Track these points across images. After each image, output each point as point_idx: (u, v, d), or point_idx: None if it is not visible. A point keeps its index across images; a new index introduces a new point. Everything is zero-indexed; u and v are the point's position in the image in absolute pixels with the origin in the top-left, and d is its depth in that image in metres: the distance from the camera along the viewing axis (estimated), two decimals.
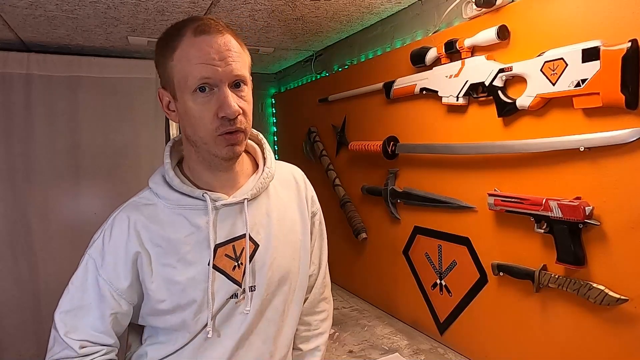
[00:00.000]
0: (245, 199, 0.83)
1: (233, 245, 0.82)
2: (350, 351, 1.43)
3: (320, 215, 1.00)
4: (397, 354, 1.39)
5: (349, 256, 1.97)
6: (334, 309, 1.55)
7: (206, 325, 0.80)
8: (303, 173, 1.00)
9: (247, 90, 0.78)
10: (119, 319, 0.81)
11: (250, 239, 0.83)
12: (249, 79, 0.78)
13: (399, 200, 1.58)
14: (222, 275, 0.81)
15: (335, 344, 1.48)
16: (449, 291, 1.41)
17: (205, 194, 0.80)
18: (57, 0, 1.39)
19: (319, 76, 2.26)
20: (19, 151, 2.02)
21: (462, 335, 1.37)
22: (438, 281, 1.45)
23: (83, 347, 0.77)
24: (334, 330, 1.55)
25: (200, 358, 0.82)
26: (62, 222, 2.10)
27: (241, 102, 0.76)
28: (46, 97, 2.05)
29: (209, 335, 0.80)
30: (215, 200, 0.81)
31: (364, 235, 1.81)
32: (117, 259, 0.79)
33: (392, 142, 1.56)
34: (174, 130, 2.52)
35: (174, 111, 0.80)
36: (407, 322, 1.63)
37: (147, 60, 2.25)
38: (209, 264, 0.79)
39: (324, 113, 2.09)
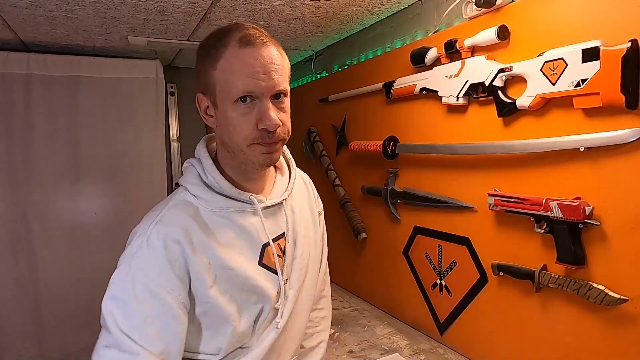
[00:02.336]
0: (284, 199, 0.88)
1: (278, 244, 0.86)
2: (350, 351, 1.43)
3: (323, 215, 1.06)
4: (397, 354, 1.39)
5: (349, 256, 1.96)
6: (334, 308, 1.55)
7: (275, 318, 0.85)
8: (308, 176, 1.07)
9: (287, 102, 0.80)
10: None
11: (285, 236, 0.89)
12: (289, 90, 0.80)
13: (399, 200, 1.58)
14: (271, 273, 0.84)
15: (335, 344, 1.48)
16: (449, 291, 1.41)
17: (251, 197, 0.82)
18: (57, 0, 1.39)
19: (319, 76, 2.25)
20: (19, 151, 2.02)
21: (462, 335, 1.37)
22: (438, 281, 1.45)
23: None
24: (334, 330, 1.54)
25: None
26: (62, 222, 2.10)
27: (281, 114, 0.77)
28: (46, 97, 2.04)
29: (279, 327, 0.84)
30: (259, 202, 0.83)
31: (364, 235, 1.81)
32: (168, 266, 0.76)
33: (392, 142, 1.56)
34: (174, 130, 2.52)
35: (212, 116, 0.81)
36: (407, 322, 1.63)
37: (147, 60, 2.25)
38: (259, 264, 0.83)
39: (324, 113, 2.09)
